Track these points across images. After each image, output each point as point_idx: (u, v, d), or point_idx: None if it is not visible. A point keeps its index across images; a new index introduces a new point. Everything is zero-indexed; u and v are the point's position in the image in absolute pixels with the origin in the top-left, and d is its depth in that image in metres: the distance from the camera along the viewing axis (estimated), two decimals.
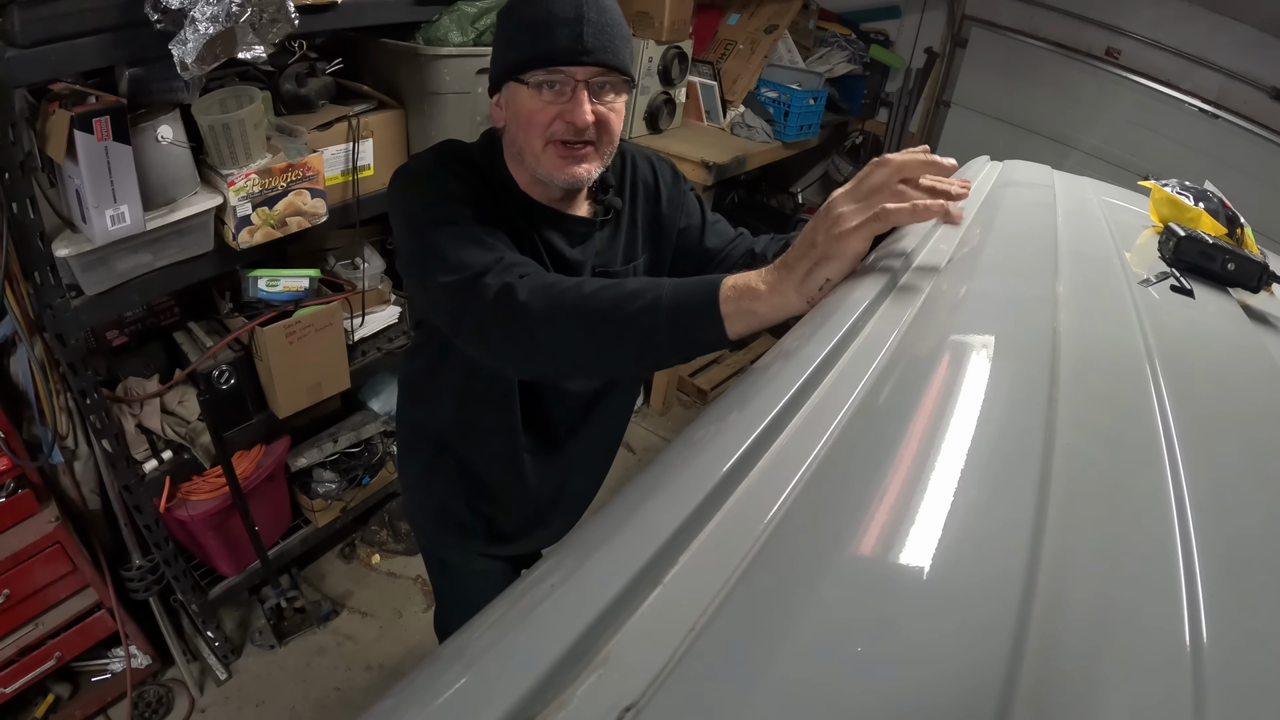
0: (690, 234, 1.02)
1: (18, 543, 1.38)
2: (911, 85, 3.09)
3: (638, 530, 0.33)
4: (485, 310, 0.70)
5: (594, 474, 1.18)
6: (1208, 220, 0.74)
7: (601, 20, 0.79)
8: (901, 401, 0.41)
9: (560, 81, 0.80)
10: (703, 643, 0.27)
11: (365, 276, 1.79)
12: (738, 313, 0.61)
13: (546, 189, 0.89)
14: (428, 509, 1.15)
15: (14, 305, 1.24)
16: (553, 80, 0.80)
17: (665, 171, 1.02)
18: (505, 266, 0.72)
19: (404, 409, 1.16)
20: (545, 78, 0.80)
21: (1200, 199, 0.79)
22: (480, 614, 0.36)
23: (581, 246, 0.93)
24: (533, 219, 0.89)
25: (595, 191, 0.95)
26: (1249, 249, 0.71)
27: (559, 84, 0.80)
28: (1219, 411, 0.48)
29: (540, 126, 0.82)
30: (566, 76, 0.80)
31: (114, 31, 1.12)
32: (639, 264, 0.99)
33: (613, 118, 0.84)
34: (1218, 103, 2.57)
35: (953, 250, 0.63)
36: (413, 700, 0.29)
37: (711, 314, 0.61)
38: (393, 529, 2.20)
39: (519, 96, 0.82)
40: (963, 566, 0.30)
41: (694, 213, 1.03)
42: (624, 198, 0.97)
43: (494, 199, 0.87)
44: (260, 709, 1.76)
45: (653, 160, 1.02)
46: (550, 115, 0.81)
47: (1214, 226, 0.74)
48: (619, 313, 0.64)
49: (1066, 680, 0.26)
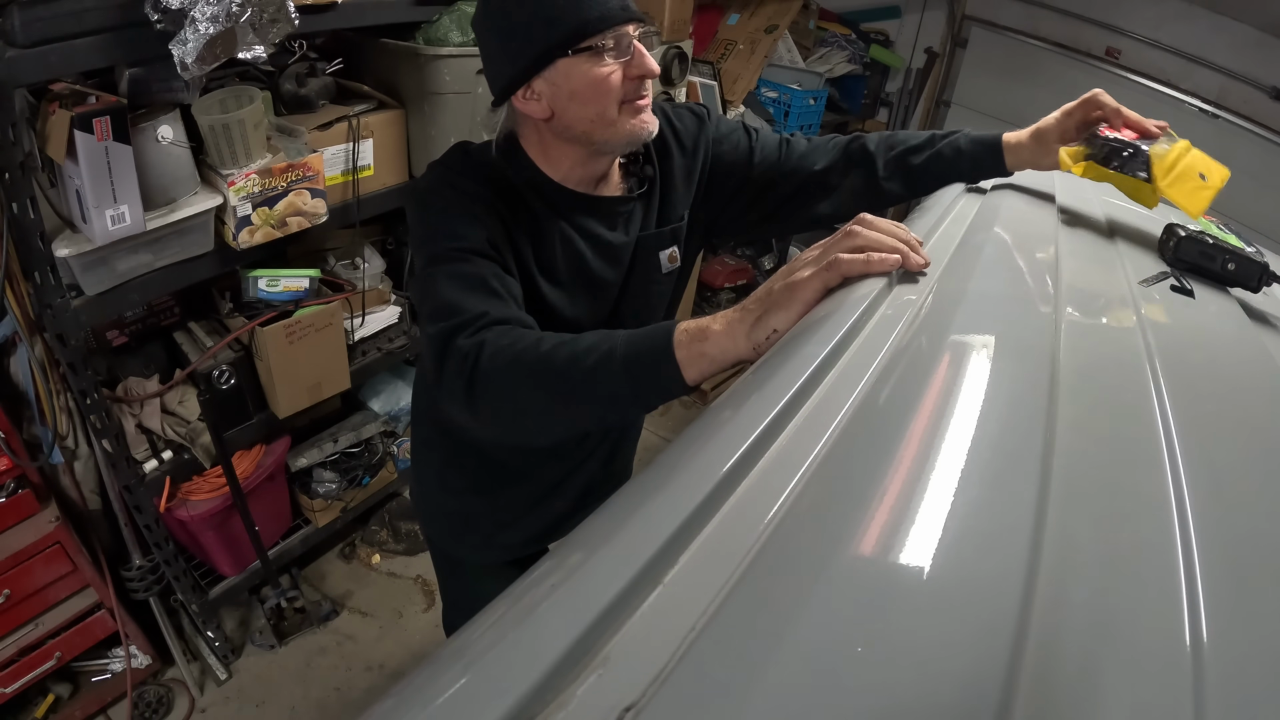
0: (736, 166, 0.98)
1: (18, 543, 1.38)
2: (911, 85, 3.09)
3: (638, 530, 0.33)
4: (454, 376, 0.70)
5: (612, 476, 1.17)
6: (1129, 182, 0.76)
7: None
8: (902, 401, 0.41)
9: (622, 40, 0.80)
10: (703, 643, 0.27)
11: (365, 276, 1.79)
12: (690, 357, 0.60)
13: (584, 175, 0.88)
14: (440, 505, 1.15)
15: (14, 305, 1.24)
16: (612, 44, 0.80)
17: (685, 118, 0.98)
18: (481, 326, 0.71)
19: (419, 404, 1.15)
20: (608, 40, 0.79)
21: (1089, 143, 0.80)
22: (480, 614, 0.36)
23: (623, 227, 0.92)
24: (563, 211, 0.88)
25: (626, 164, 0.94)
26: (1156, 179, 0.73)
27: (622, 42, 0.80)
28: (1219, 411, 0.48)
29: (615, 90, 0.81)
30: (621, 34, 0.80)
31: (114, 31, 1.12)
32: (680, 226, 0.97)
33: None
34: (1218, 103, 2.57)
35: (952, 251, 0.63)
36: (413, 700, 0.29)
37: (667, 360, 0.61)
38: (393, 529, 2.20)
39: (578, 70, 0.80)
40: (963, 566, 0.30)
41: (737, 143, 0.99)
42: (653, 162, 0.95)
43: (506, 200, 0.85)
44: (260, 709, 1.76)
45: (668, 112, 0.98)
46: (619, 77, 0.81)
47: (1135, 187, 0.76)
48: (576, 370, 0.63)
49: (1066, 680, 0.26)
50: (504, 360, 0.67)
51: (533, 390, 0.66)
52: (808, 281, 0.58)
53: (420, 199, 0.84)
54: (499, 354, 0.67)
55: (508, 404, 0.68)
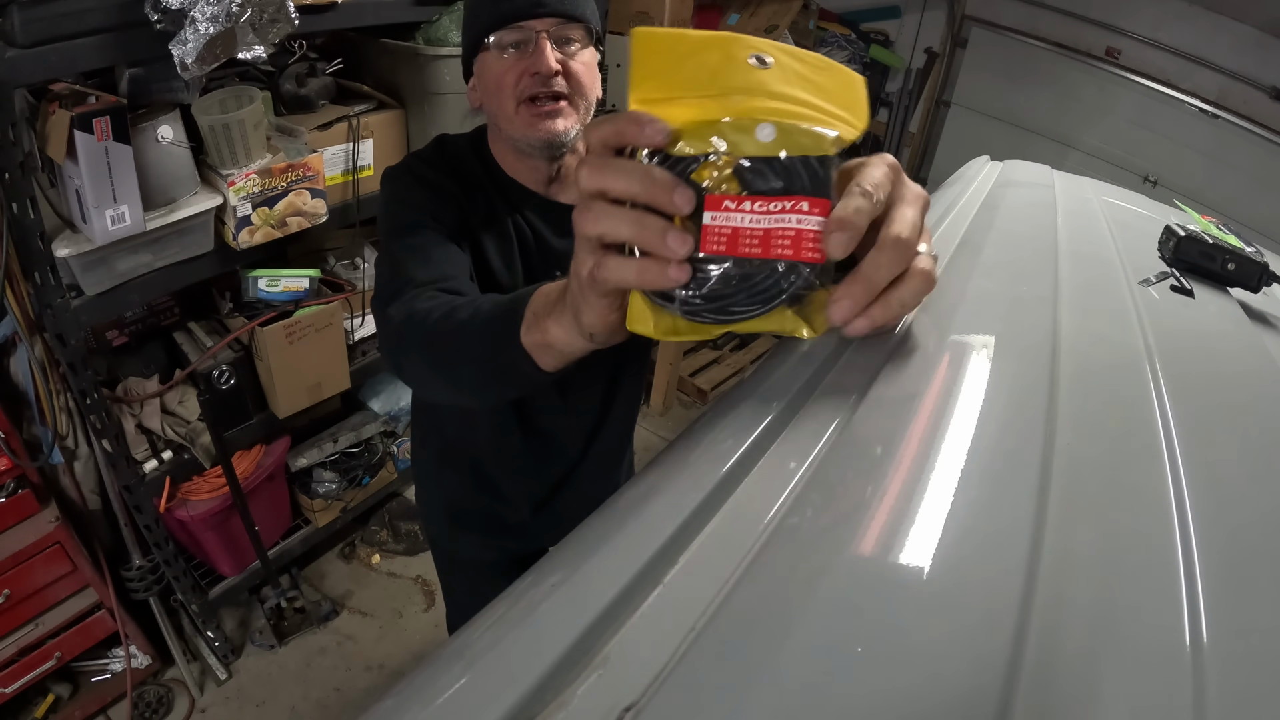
0: None
1: (18, 543, 1.38)
2: (911, 85, 3.09)
3: (638, 530, 0.33)
4: (384, 342, 0.71)
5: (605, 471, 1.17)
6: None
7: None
8: (901, 401, 0.41)
9: (522, 39, 0.80)
10: (703, 643, 0.27)
11: (365, 276, 1.79)
12: (535, 346, 0.50)
13: (533, 169, 0.88)
14: (438, 501, 1.16)
15: (14, 305, 1.24)
16: (515, 39, 0.80)
17: None
18: (412, 295, 0.69)
19: (416, 402, 1.16)
20: (506, 37, 0.80)
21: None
22: (480, 614, 0.36)
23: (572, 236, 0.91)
24: (516, 204, 0.88)
25: None
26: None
27: (521, 41, 0.80)
28: (1219, 411, 0.48)
29: (509, 87, 0.81)
30: (527, 31, 0.79)
31: (114, 31, 1.12)
32: None
33: (581, 70, 0.82)
34: (1218, 103, 2.57)
35: (952, 251, 0.63)
36: (413, 700, 0.29)
37: (514, 319, 0.51)
38: (393, 529, 2.20)
39: (485, 65, 0.82)
40: (963, 566, 0.30)
41: None
42: None
43: (468, 191, 0.86)
44: (260, 709, 1.76)
45: None
46: (517, 73, 0.80)
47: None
48: (453, 332, 0.60)
49: (1066, 680, 0.26)
50: (409, 328, 0.67)
51: (423, 360, 0.65)
52: (589, 297, 0.42)
53: (385, 183, 0.87)
54: (412, 318, 0.67)
55: (414, 372, 0.68)
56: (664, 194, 0.36)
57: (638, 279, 0.38)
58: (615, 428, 1.10)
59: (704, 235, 0.37)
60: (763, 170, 0.37)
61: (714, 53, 0.40)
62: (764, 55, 0.40)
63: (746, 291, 0.38)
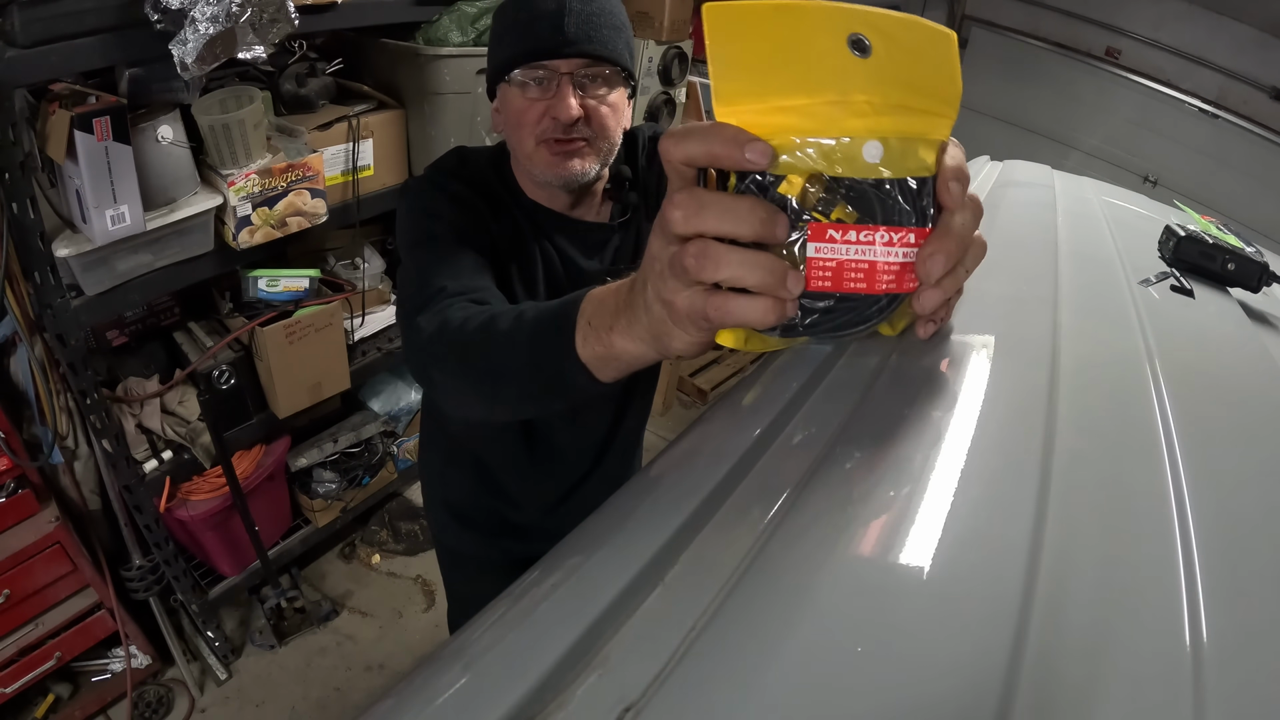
0: None
1: (18, 543, 1.38)
2: None
3: (638, 530, 0.33)
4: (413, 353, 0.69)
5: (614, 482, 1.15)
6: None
7: (586, 9, 0.76)
8: (902, 401, 0.41)
9: (544, 77, 0.77)
10: (702, 643, 0.27)
11: (365, 276, 1.79)
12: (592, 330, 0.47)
13: (553, 195, 0.87)
14: (443, 501, 1.16)
15: (14, 305, 1.24)
16: (537, 76, 0.77)
17: None
18: (444, 305, 0.68)
19: (425, 401, 1.17)
20: (528, 74, 0.77)
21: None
22: (480, 614, 0.36)
23: (599, 255, 0.90)
24: (542, 227, 0.87)
25: (612, 191, 0.91)
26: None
27: (543, 79, 0.77)
28: (1219, 411, 0.48)
29: (529, 125, 0.79)
30: (550, 71, 0.77)
31: (114, 31, 1.12)
32: None
33: (605, 111, 0.80)
34: (1218, 103, 2.57)
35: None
36: (413, 700, 0.29)
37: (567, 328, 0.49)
38: (393, 529, 2.20)
39: (508, 98, 0.81)
40: (963, 566, 0.30)
41: None
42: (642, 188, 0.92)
43: (494, 211, 0.85)
44: (260, 709, 1.76)
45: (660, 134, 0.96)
46: (537, 113, 0.78)
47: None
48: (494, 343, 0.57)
49: (1066, 680, 0.26)
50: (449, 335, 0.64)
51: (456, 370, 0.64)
52: (689, 329, 0.40)
53: (408, 195, 0.86)
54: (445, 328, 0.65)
55: (448, 385, 0.66)
56: (771, 231, 0.34)
57: (761, 321, 0.36)
58: (625, 440, 1.10)
59: (809, 269, 0.36)
60: (866, 194, 0.35)
61: (803, 31, 0.34)
62: (862, 38, 0.34)
63: (848, 317, 0.38)
